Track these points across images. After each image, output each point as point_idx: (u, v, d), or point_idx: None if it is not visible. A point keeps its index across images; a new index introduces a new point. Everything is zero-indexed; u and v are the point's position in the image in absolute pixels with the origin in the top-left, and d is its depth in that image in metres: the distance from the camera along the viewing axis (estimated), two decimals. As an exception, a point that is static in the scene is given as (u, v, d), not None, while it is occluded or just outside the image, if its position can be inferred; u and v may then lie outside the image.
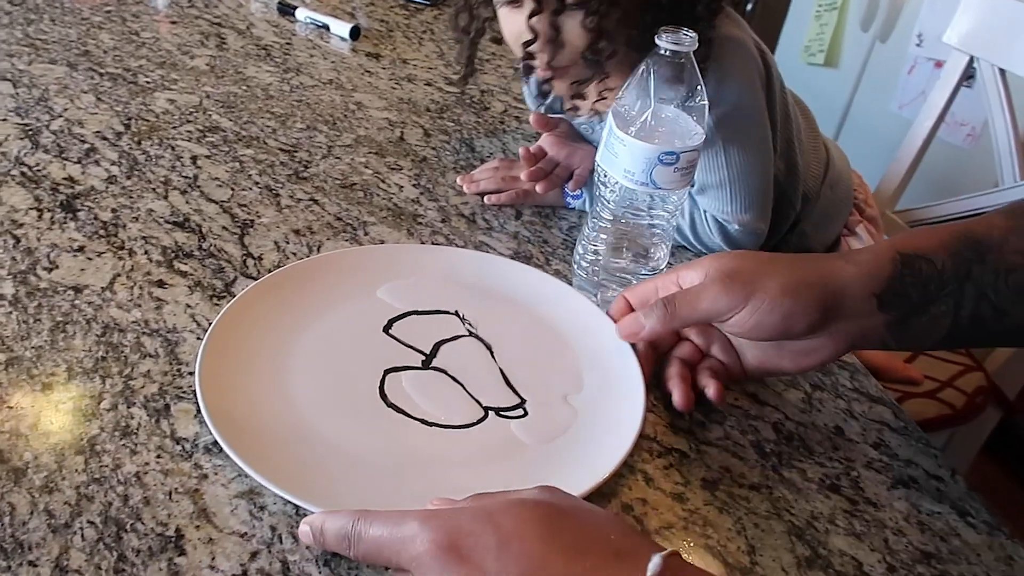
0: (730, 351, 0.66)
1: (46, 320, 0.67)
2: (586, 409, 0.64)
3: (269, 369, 0.63)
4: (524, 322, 0.72)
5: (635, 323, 0.64)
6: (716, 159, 0.85)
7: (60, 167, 0.87)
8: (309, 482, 0.55)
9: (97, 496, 0.54)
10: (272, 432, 0.58)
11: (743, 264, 0.61)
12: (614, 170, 0.69)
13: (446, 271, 0.76)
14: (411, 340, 0.68)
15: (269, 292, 0.70)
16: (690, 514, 0.59)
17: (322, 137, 1.00)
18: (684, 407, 0.64)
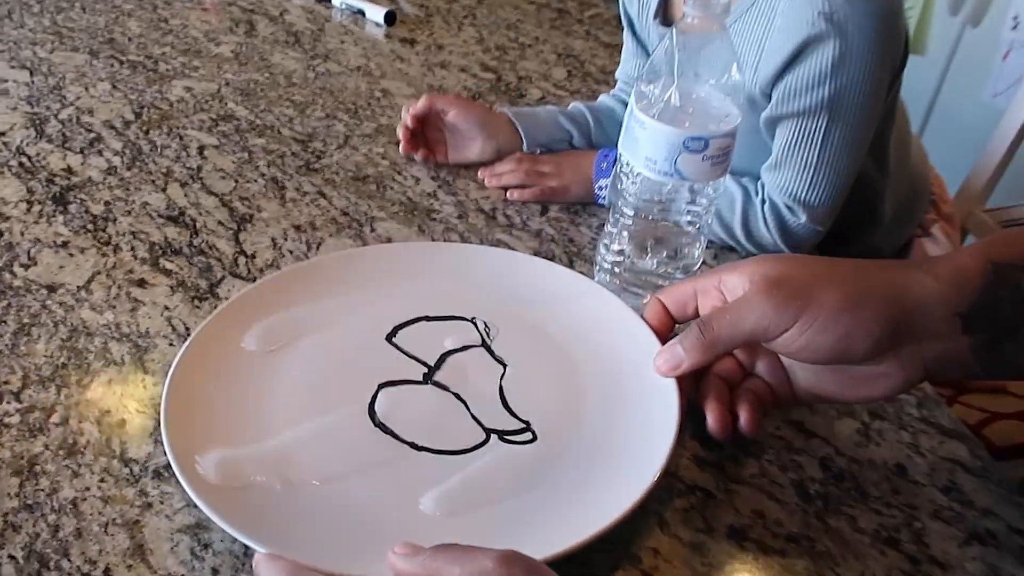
0: (778, 371, 0.55)
1: (11, 322, 0.62)
2: (605, 436, 0.55)
3: (247, 382, 0.56)
4: (547, 331, 0.62)
5: (675, 356, 0.54)
6: (813, 135, 0.75)
7: (60, 157, 0.83)
8: (262, 518, 0.47)
9: (25, 526, 0.48)
10: (233, 454, 0.51)
11: (794, 271, 0.51)
12: (635, 158, 0.60)
13: (462, 271, 0.67)
14: (415, 350, 0.60)
15: (260, 298, 0.62)
16: (710, 570, 0.49)
17: (340, 126, 0.93)
18: (720, 433, 0.53)
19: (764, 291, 0.50)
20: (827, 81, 0.74)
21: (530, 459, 0.53)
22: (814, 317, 0.48)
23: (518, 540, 0.46)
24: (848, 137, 0.77)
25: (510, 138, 0.88)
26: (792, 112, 0.76)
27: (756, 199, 0.80)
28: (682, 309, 0.57)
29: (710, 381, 0.55)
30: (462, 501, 0.50)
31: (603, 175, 0.82)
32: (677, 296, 0.57)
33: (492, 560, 0.35)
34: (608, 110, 0.92)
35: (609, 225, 0.67)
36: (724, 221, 0.81)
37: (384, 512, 0.49)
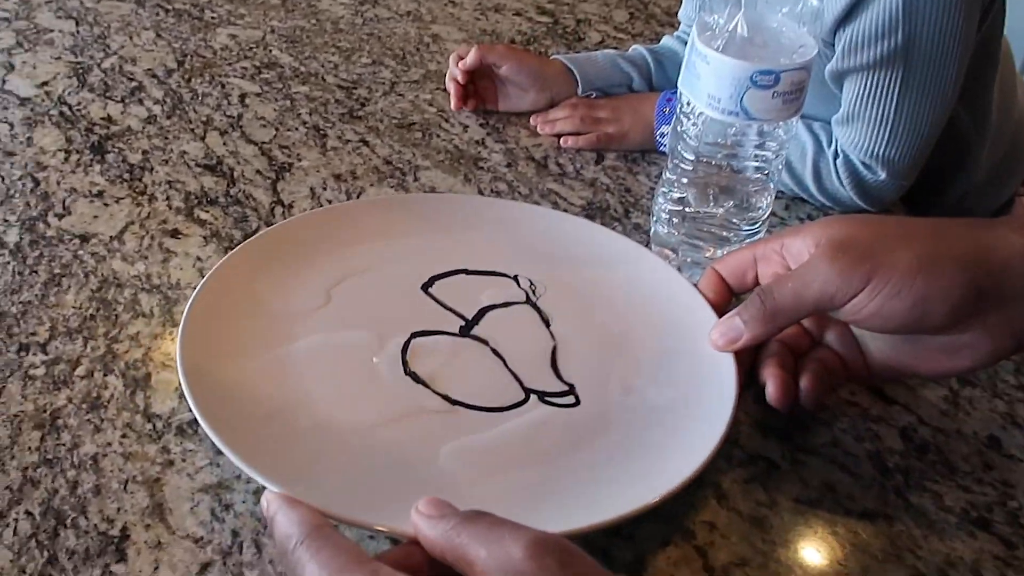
0: (849, 341, 0.50)
1: (43, 272, 0.60)
2: (654, 404, 0.50)
3: (268, 321, 0.53)
4: (593, 295, 0.58)
5: (732, 328, 0.49)
6: (886, 88, 0.68)
7: (101, 106, 0.80)
8: (284, 458, 0.43)
9: (44, 481, 0.46)
10: (255, 392, 0.48)
11: (863, 231, 0.45)
12: (696, 96, 0.54)
13: (506, 228, 0.62)
14: (453, 302, 0.56)
15: (288, 237, 0.58)
16: (773, 548, 0.44)
17: (387, 72, 0.89)
18: (780, 403, 0.48)
19: (829, 255, 0.44)
20: (897, 28, 0.66)
21: (572, 424, 0.49)
22: (884, 281, 0.43)
23: (554, 507, 0.43)
24: (929, 86, 0.69)
25: (565, 87, 0.83)
26: (860, 65, 0.68)
27: (828, 151, 0.73)
28: (740, 278, 0.51)
29: (773, 347, 0.50)
30: (495, 462, 0.46)
31: (665, 120, 0.76)
32: (734, 264, 0.52)
33: (522, 548, 0.31)
34: (671, 52, 0.85)
35: (668, 172, 0.61)
36: (795, 172, 0.74)
37: (411, 465, 0.45)
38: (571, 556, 0.31)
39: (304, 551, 0.34)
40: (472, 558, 0.32)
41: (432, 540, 0.34)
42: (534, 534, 0.31)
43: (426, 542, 0.34)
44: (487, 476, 0.45)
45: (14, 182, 0.69)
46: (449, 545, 0.33)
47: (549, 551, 0.31)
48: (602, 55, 0.85)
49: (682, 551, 0.44)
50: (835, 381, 0.49)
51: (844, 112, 0.71)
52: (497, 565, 0.31)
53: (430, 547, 0.34)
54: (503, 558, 0.31)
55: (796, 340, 0.50)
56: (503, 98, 0.83)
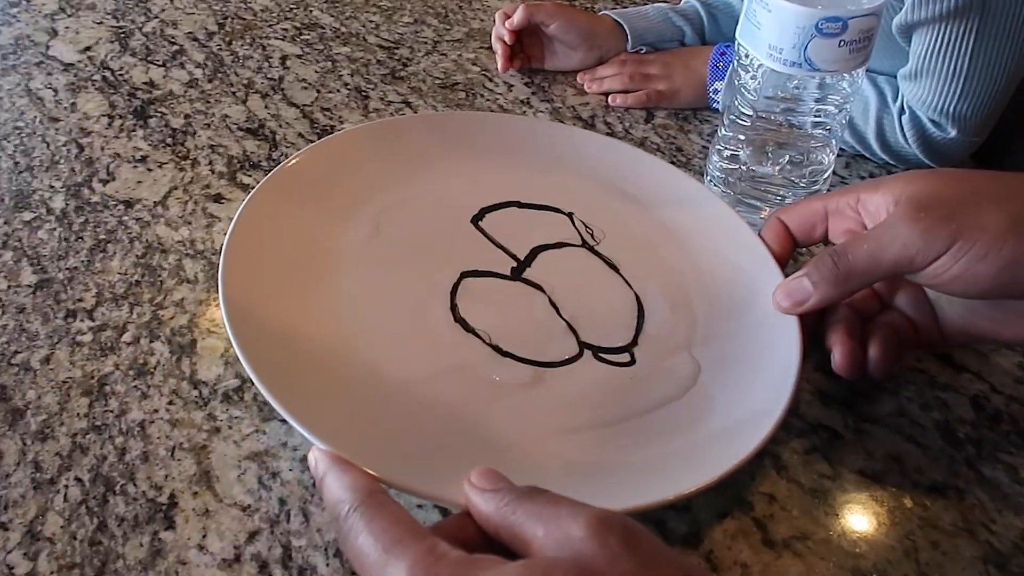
0: (922, 305, 0.47)
1: (88, 238, 0.60)
2: (712, 369, 0.47)
3: (312, 254, 0.50)
4: (652, 240, 0.54)
5: (800, 289, 0.46)
6: (960, 40, 0.64)
7: (143, 71, 0.80)
8: (332, 414, 0.41)
9: (92, 447, 0.46)
10: (300, 336, 0.45)
11: (949, 188, 0.42)
12: (756, 47, 0.51)
13: (562, 155, 0.58)
14: (504, 239, 0.53)
15: (327, 156, 0.55)
16: (836, 521, 0.43)
17: (429, 32, 0.87)
18: (847, 371, 0.45)
19: (911, 214, 0.41)
20: None
21: (627, 387, 0.46)
22: (971, 243, 0.40)
23: (608, 482, 0.41)
24: (1007, 35, 0.65)
25: (615, 44, 0.80)
26: (932, 16, 0.64)
27: (893, 106, 0.70)
28: (808, 231, 0.48)
29: (840, 311, 0.47)
30: (547, 423, 0.44)
31: (719, 76, 0.73)
32: (803, 215, 0.49)
33: (582, 527, 0.29)
34: (725, 5, 0.82)
35: (723, 128, 0.59)
36: (856, 128, 0.71)
37: (460, 424, 0.43)
38: (634, 536, 0.29)
39: (358, 519, 0.32)
40: (528, 537, 0.30)
41: (486, 516, 0.32)
42: (594, 511, 0.29)
43: (479, 517, 0.33)
44: (539, 440, 0.43)
45: (59, 148, 0.69)
46: (504, 523, 0.31)
47: (611, 530, 0.29)
48: (653, 9, 0.81)
49: (740, 524, 0.43)
50: (905, 348, 0.46)
51: (912, 66, 0.68)
52: (555, 544, 0.29)
53: (484, 522, 0.32)
54: (561, 537, 0.29)
55: (865, 303, 0.47)
56: (550, 56, 0.80)
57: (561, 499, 0.31)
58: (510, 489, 0.32)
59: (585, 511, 0.29)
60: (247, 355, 0.42)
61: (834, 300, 0.45)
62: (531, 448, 0.43)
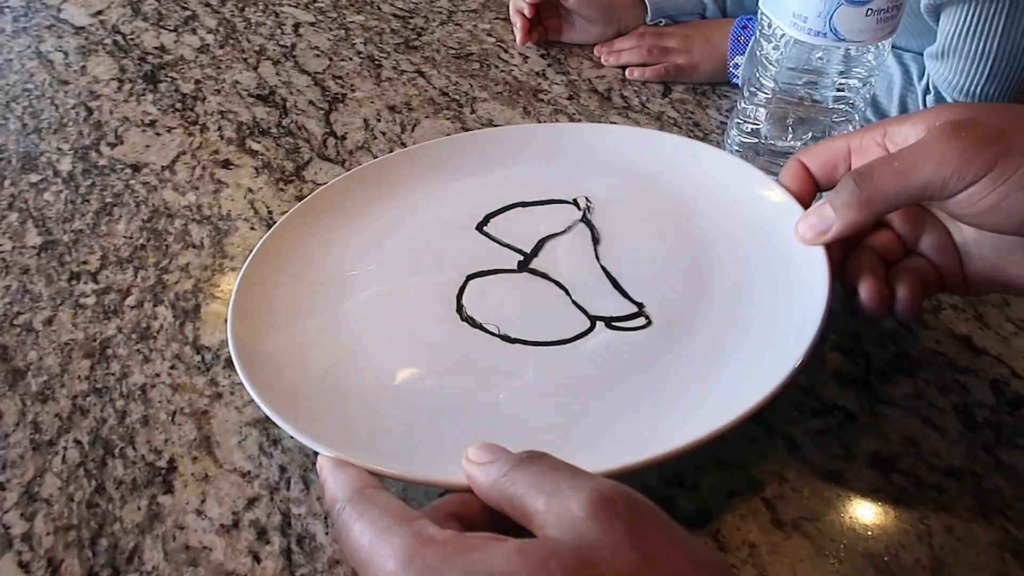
0: (948, 249, 0.44)
1: (95, 201, 0.59)
2: (733, 316, 0.45)
3: (320, 284, 0.50)
4: (660, 203, 0.53)
5: (822, 219, 0.43)
6: (990, 20, 0.62)
7: (155, 35, 0.79)
8: (339, 421, 0.41)
9: (92, 410, 0.45)
10: (307, 357, 0.45)
11: (987, 114, 0.39)
12: (780, 15, 0.49)
13: (561, 151, 0.58)
14: (510, 238, 0.52)
15: (346, 188, 0.55)
16: (848, 503, 0.41)
17: (444, 1, 0.85)
18: (875, 308, 0.42)
19: (949, 132, 0.38)
20: None
21: (643, 345, 0.45)
22: (1014, 167, 0.36)
23: (619, 436, 0.39)
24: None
25: (635, 18, 0.78)
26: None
27: (918, 85, 0.68)
28: (830, 172, 0.45)
29: (863, 254, 0.44)
30: (559, 395, 0.43)
31: (739, 50, 0.71)
32: (824, 155, 0.45)
33: (584, 507, 0.27)
34: (747, -23, 0.80)
35: (743, 101, 0.57)
36: (880, 107, 0.69)
37: (471, 413, 0.42)
38: (641, 518, 0.27)
39: (349, 514, 0.31)
40: (530, 510, 0.29)
41: (486, 489, 0.31)
42: (597, 487, 0.28)
43: (480, 491, 0.32)
44: (550, 410, 0.42)
45: (67, 111, 0.68)
46: (504, 495, 0.30)
47: (617, 512, 0.27)
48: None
49: (749, 504, 0.41)
50: (929, 291, 0.43)
51: (940, 46, 0.66)
52: (556, 521, 0.27)
53: (485, 497, 0.31)
54: (563, 514, 0.27)
55: (888, 247, 0.44)
56: (568, 29, 0.78)
57: (560, 466, 0.30)
58: (507, 458, 0.31)
59: (587, 485, 0.28)
60: (251, 378, 0.41)
61: (858, 226, 0.42)
62: (542, 416, 0.42)
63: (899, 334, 0.50)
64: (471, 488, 0.32)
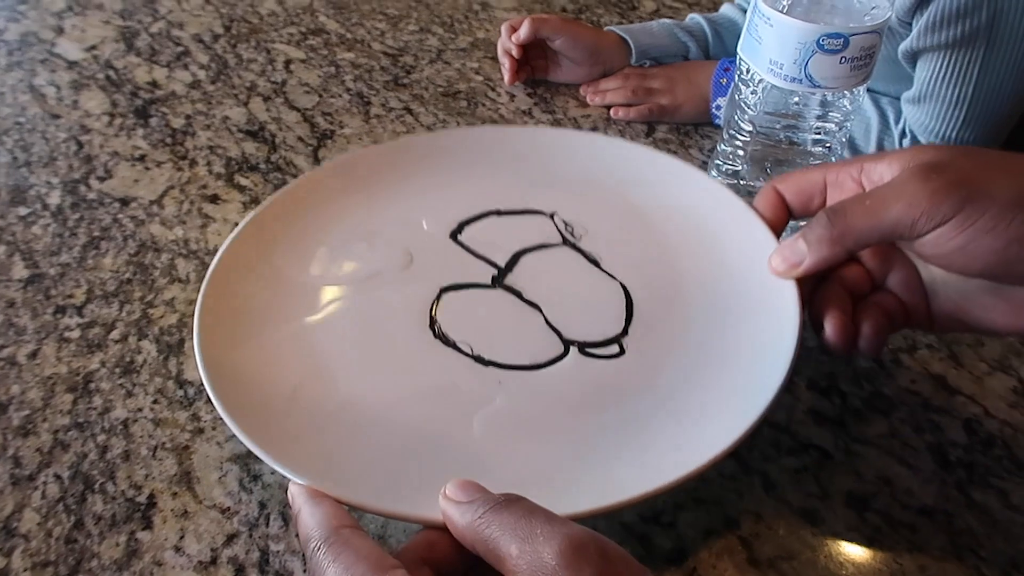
0: (915, 286, 0.44)
1: (82, 235, 0.60)
2: (707, 351, 0.46)
3: (286, 294, 0.49)
4: (638, 225, 0.53)
5: (794, 251, 0.44)
6: (965, 68, 0.64)
7: (147, 70, 0.80)
8: (308, 446, 0.40)
9: (74, 445, 0.45)
10: (275, 375, 0.44)
11: (961, 158, 0.40)
12: (757, 62, 0.51)
13: (539, 158, 0.57)
14: (485, 249, 0.52)
15: (311, 190, 0.54)
16: (823, 542, 0.42)
17: (434, 40, 0.87)
18: (838, 343, 0.42)
19: (920, 174, 0.39)
20: (981, 6, 0.62)
21: (616, 378, 0.45)
22: (980, 211, 0.37)
23: (596, 477, 0.39)
24: (1012, 65, 0.64)
25: (620, 59, 0.80)
26: (939, 44, 0.64)
27: (895, 129, 0.70)
28: (805, 202, 0.46)
29: (831, 288, 0.44)
30: (533, 426, 0.42)
31: (722, 92, 0.73)
32: (800, 185, 0.45)
33: (555, 554, 0.28)
34: (730, 22, 0.82)
35: (722, 144, 0.58)
36: (857, 148, 0.70)
37: (443, 441, 0.42)
38: (610, 563, 0.28)
39: (324, 555, 0.32)
40: (503, 554, 0.29)
41: (462, 529, 0.32)
42: (568, 536, 0.28)
43: (456, 532, 0.32)
44: (524, 443, 0.42)
45: (58, 144, 0.69)
46: (479, 537, 0.30)
47: (585, 558, 0.28)
48: (658, 24, 0.81)
49: (726, 541, 0.42)
50: (895, 328, 0.44)
51: (916, 91, 0.67)
52: (529, 569, 0.28)
53: (460, 537, 0.32)
54: (536, 561, 0.28)
55: (856, 282, 0.45)
56: (554, 69, 0.80)
57: (536, 511, 0.30)
58: (485, 500, 0.31)
59: (559, 532, 0.28)
60: (220, 397, 0.41)
61: (829, 262, 0.43)
62: (516, 449, 0.41)
63: (874, 373, 0.51)
64: (443, 525, 0.33)
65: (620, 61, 0.79)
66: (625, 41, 0.79)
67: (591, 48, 0.78)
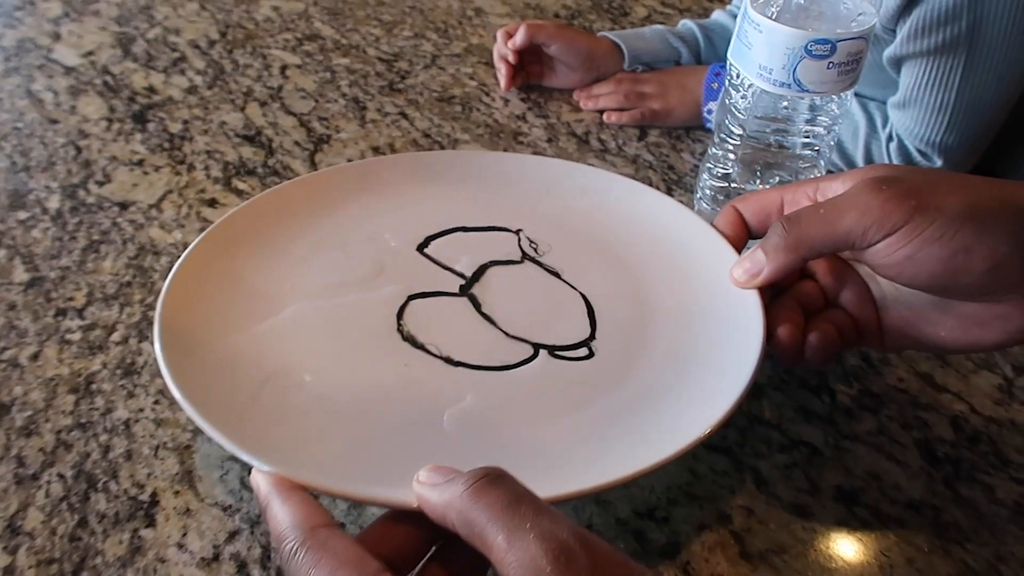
0: (866, 304, 0.46)
1: (82, 239, 0.60)
2: (674, 353, 0.47)
3: (251, 296, 0.49)
4: (601, 241, 0.54)
5: (753, 261, 0.45)
6: (948, 74, 0.65)
7: (143, 76, 0.81)
8: (275, 435, 0.40)
9: (77, 444, 0.46)
10: (240, 370, 0.44)
11: (912, 174, 0.42)
12: (747, 67, 0.52)
13: (506, 180, 0.59)
14: (451, 262, 0.53)
15: (270, 206, 0.55)
16: (813, 536, 0.43)
17: (428, 46, 0.88)
18: (787, 351, 0.44)
19: (872, 185, 0.40)
20: (963, 13, 0.63)
21: (586, 378, 0.46)
22: (928, 221, 0.39)
23: (568, 466, 0.40)
24: (993, 71, 0.66)
25: (614, 65, 0.81)
26: (921, 51, 0.65)
27: (882, 133, 0.71)
28: (763, 220, 0.47)
29: (785, 302, 0.46)
30: (504, 423, 0.43)
31: (713, 96, 0.74)
32: (759, 204, 0.47)
33: (549, 555, 0.28)
34: (721, 27, 0.83)
35: (713, 147, 0.59)
36: (845, 151, 0.72)
37: (413, 432, 0.42)
38: (599, 562, 0.28)
39: (303, 558, 0.31)
40: (490, 542, 0.29)
41: (441, 508, 0.31)
42: (556, 536, 0.28)
43: (434, 512, 0.32)
44: (496, 438, 0.42)
45: (57, 149, 0.70)
46: (461, 518, 0.30)
47: (576, 560, 0.28)
48: (650, 30, 0.83)
49: (718, 536, 0.43)
50: (846, 342, 0.45)
51: (901, 96, 0.69)
52: (519, 567, 0.28)
53: (439, 516, 0.32)
54: (527, 561, 0.28)
55: (810, 297, 0.46)
56: (549, 74, 0.81)
57: (523, 498, 0.30)
58: (465, 478, 0.31)
59: (550, 531, 0.29)
60: (175, 377, 0.41)
61: (787, 269, 0.44)
62: (487, 443, 0.42)
63: (863, 371, 0.52)
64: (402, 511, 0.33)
65: (614, 66, 0.80)
66: (618, 47, 0.80)
67: (586, 53, 0.79)
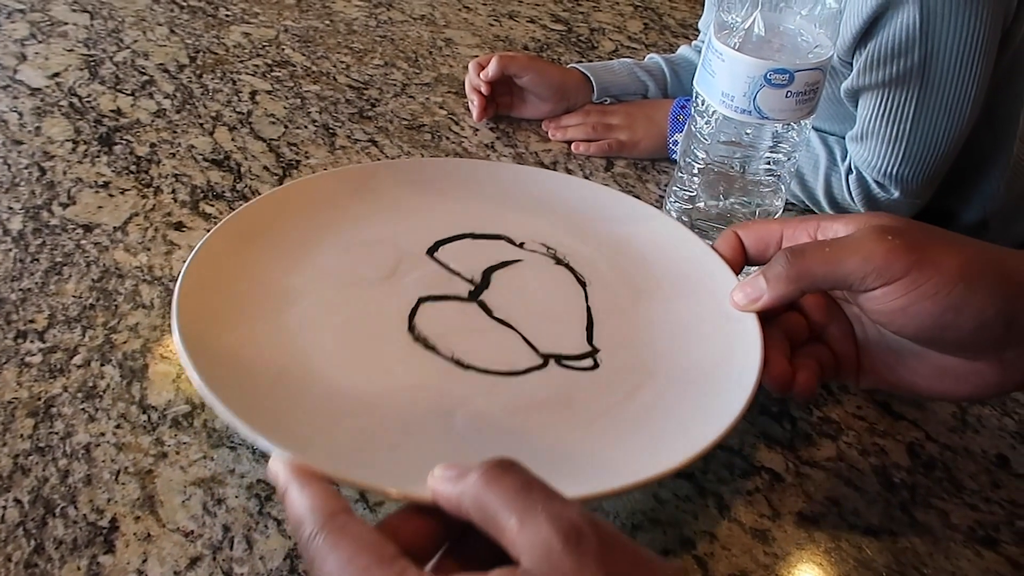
0: (849, 342, 0.47)
1: (44, 260, 0.60)
2: (676, 369, 0.48)
3: (266, 290, 0.50)
4: (606, 255, 0.56)
5: (755, 287, 0.46)
6: (902, 106, 0.67)
7: (111, 99, 0.80)
8: (292, 423, 0.41)
9: (34, 469, 0.45)
10: (257, 361, 0.45)
11: (912, 226, 0.43)
12: (710, 94, 0.53)
13: (514, 192, 0.60)
14: (460, 267, 0.54)
15: (286, 201, 0.56)
16: (775, 561, 0.43)
17: (399, 74, 0.89)
18: (778, 384, 0.45)
19: (878, 234, 0.42)
20: (914, 46, 0.65)
21: (591, 389, 0.47)
22: (926, 277, 0.40)
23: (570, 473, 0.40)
24: (947, 104, 0.68)
25: (584, 97, 0.82)
26: (876, 83, 0.68)
27: (841, 166, 0.73)
28: (762, 250, 0.49)
29: (772, 330, 0.47)
30: (511, 427, 0.44)
31: (678, 128, 0.75)
32: (759, 233, 0.49)
33: (560, 540, 0.29)
34: (687, 62, 0.85)
35: (679, 171, 0.61)
36: (806, 184, 0.73)
37: (425, 430, 0.43)
38: (610, 548, 0.29)
39: (321, 544, 0.32)
40: (502, 526, 0.30)
41: (456, 497, 0.32)
42: (567, 517, 0.29)
43: (448, 502, 0.32)
44: (503, 441, 0.43)
45: (20, 171, 0.69)
46: (476, 505, 0.31)
47: (586, 541, 0.29)
48: (619, 63, 0.84)
49: (682, 561, 0.43)
50: (825, 378, 0.46)
51: (858, 129, 0.71)
52: (530, 546, 0.29)
53: (453, 506, 0.32)
54: (538, 541, 0.29)
55: (795, 330, 0.47)
56: (519, 105, 0.82)
57: (534, 484, 0.31)
58: (477, 468, 0.32)
59: (560, 513, 0.29)
60: (198, 368, 0.42)
61: (785, 298, 0.45)
62: (495, 444, 0.43)
63: (823, 399, 0.53)
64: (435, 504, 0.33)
65: (583, 98, 0.82)
66: (588, 79, 0.82)
67: (557, 85, 0.80)
